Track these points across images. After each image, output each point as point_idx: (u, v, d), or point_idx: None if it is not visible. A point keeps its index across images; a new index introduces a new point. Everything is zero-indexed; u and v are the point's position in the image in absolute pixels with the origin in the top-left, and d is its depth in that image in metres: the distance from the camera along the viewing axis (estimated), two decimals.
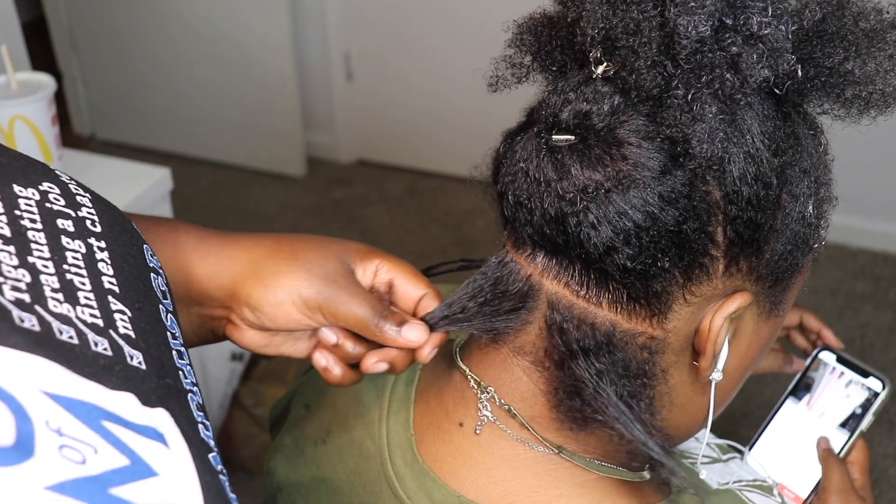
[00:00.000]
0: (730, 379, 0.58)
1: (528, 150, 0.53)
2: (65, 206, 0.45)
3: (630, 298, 0.52)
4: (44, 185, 0.45)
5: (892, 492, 1.79)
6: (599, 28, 0.50)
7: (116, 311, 0.43)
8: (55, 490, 0.34)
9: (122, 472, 0.37)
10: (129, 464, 0.37)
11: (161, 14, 2.80)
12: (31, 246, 0.42)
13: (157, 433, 0.40)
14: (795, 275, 0.57)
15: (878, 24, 0.51)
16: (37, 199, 0.44)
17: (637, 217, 0.49)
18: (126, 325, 0.43)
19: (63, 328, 0.39)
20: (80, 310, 0.41)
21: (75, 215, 0.45)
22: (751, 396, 1.90)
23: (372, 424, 0.64)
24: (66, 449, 0.35)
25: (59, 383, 0.37)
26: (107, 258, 0.45)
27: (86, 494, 0.35)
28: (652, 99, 0.49)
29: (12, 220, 0.42)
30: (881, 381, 0.81)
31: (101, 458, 0.36)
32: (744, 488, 0.67)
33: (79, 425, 0.37)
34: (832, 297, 2.32)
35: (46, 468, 0.34)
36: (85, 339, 0.40)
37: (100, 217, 0.47)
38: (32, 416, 0.35)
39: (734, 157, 0.50)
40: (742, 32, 0.48)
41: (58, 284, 0.41)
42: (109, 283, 0.44)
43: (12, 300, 0.38)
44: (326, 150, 2.99)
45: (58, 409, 0.36)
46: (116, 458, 0.37)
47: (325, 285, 0.57)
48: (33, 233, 0.42)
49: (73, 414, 0.37)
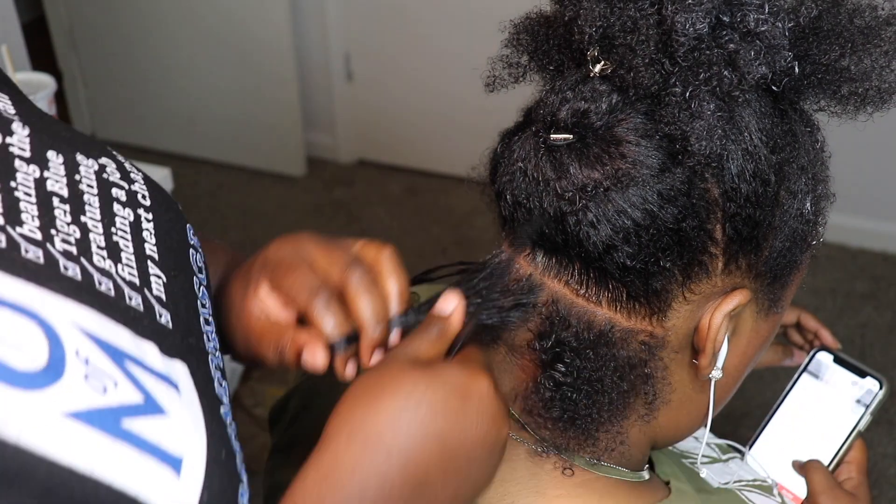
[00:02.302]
0: (729, 377, 0.58)
1: (526, 149, 0.53)
2: (119, 179, 0.49)
3: (629, 297, 0.53)
4: (102, 160, 0.49)
5: (892, 491, 1.79)
6: (597, 26, 0.50)
7: (153, 275, 0.47)
8: (73, 417, 0.37)
9: (136, 408, 0.40)
10: (142, 401, 0.40)
11: (161, 14, 2.80)
12: (85, 207, 0.46)
13: (171, 380, 0.43)
14: (794, 272, 0.57)
15: (873, 20, 0.51)
16: (95, 170, 0.48)
17: (636, 215, 0.49)
18: (160, 288, 0.47)
19: (103, 280, 0.44)
20: (120, 267, 0.46)
21: (128, 188, 0.49)
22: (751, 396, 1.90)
23: None
24: (90, 378, 0.39)
25: (92, 323, 0.41)
26: (151, 228, 0.49)
27: (100, 423, 0.38)
28: (650, 97, 0.50)
29: (71, 182, 0.46)
30: (878, 381, 0.81)
31: (119, 391, 0.40)
32: (744, 488, 0.66)
33: (105, 359, 0.40)
34: (832, 297, 2.32)
35: (70, 394, 0.37)
36: (121, 293, 0.44)
37: (150, 193, 0.51)
38: (65, 344, 0.39)
39: (732, 154, 0.50)
40: (739, 29, 0.48)
41: (104, 243, 0.46)
42: (150, 250, 0.48)
43: (61, 251, 0.43)
44: (326, 150, 2.99)
45: (88, 342, 0.40)
46: (132, 393, 0.40)
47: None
48: (88, 196, 0.47)
49: (101, 349, 0.40)
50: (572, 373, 0.53)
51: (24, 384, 0.36)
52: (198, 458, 0.42)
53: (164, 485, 0.39)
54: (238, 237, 2.63)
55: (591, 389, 0.53)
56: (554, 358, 0.54)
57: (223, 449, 0.44)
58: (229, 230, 2.67)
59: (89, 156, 0.48)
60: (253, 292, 0.54)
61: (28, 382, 0.36)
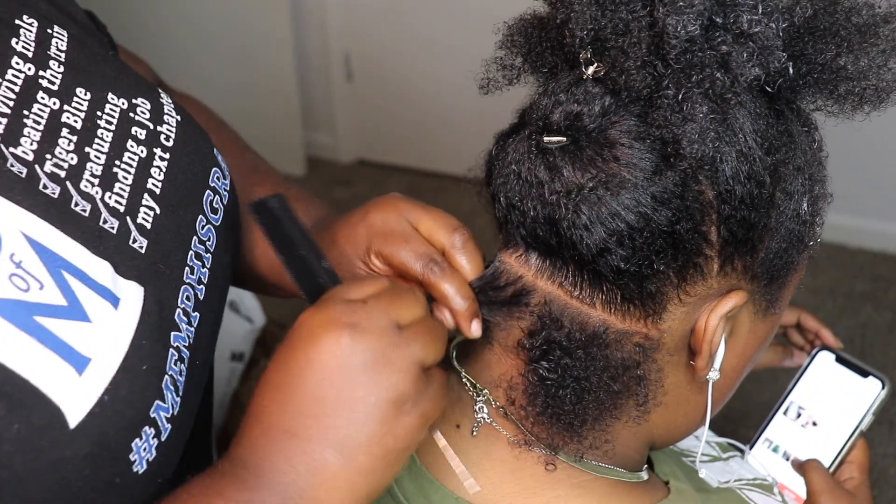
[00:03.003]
0: (727, 378, 0.58)
1: (519, 151, 0.53)
2: (147, 119, 0.53)
3: (624, 299, 0.52)
4: (137, 100, 0.53)
5: (891, 491, 1.79)
6: (588, 29, 0.50)
7: (144, 206, 0.50)
8: None
9: (56, 309, 0.43)
10: (65, 304, 0.43)
11: (161, 14, 2.80)
12: (94, 140, 0.49)
13: (113, 296, 0.46)
14: (791, 273, 0.57)
15: (870, 19, 0.51)
16: (123, 109, 0.51)
17: (630, 218, 0.49)
18: (146, 218, 0.50)
19: (80, 202, 0.47)
20: (108, 195, 0.49)
21: (152, 129, 0.53)
22: (751, 396, 1.90)
23: None
24: (15, 277, 0.42)
25: (43, 234, 0.44)
26: (163, 167, 0.52)
27: (12, 315, 0.41)
28: (642, 99, 0.49)
29: (90, 117, 0.50)
30: (880, 381, 0.81)
31: (42, 293, 0.43)
32: (744, 487, 0.66)
33: (39, 265, 0.43)
34: (831, 297, 2.31)
35: None
36: (97, 216, 0.47)
37: (177, 136, 0.54)
38: (3, 245, 0.42)
39: (726, 156, 0.50)
40: (732, 31, 0.48)
41: (100, 172, 0.49)
42: (153, 184, 0.51)
43: (48, 172, 0.46)
44: (326, 150, 2.99)
45: (28, 248, 0.43)
46: (57, 297, 0.43)
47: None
48: (103, 131, 0.50)
49: (39, 256, 0.44)
50: (557, 370, 0.53)
51: None
52: (108, 363, 0.44)
53: (62, 377, 0.42)
54: None
55: (577, 387, 0.53)
56: (541, 354, 0.54)
57: (148, 364, 0.47)
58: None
59: (121, 95, 0.52)
60: (365, 257, 0.59)
61: None
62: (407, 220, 0.59)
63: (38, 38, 0.49)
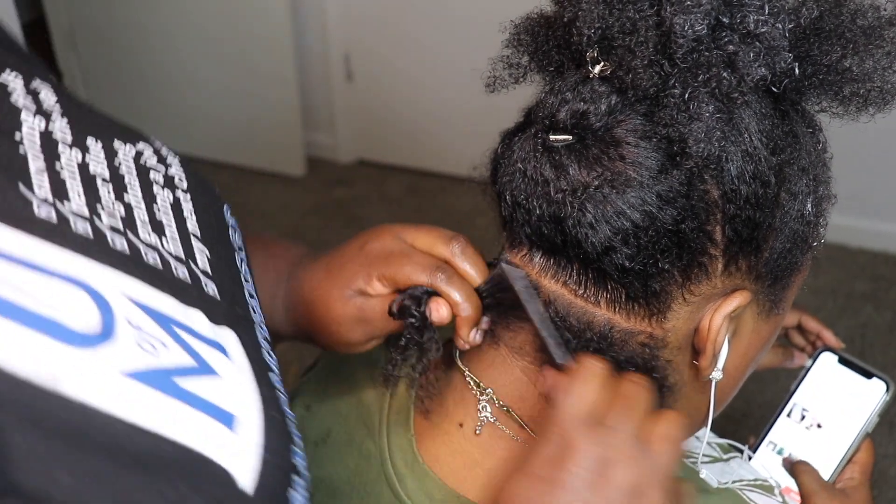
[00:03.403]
0: (730, 378, 0.58)
1: (525, 150, 0.53)
2: (156, 163, 0.52)
3: (629, 298, 0.52)
4: (139, 145, 0.52)
5: (891, 492, 1.79)
6: (596, 28, 0.50)
7: (197, 250, 0.50)
8: (129, 376, 0.38)
9: (188, 369, 0.41)
10: (194, 363, 0.42)
11: (161, 14, 2.80)
12: (127, 188, 0.48)
13: (220, 346, 0.45)
14: (795, 273, 0.57)
15: (875, 20, 0.51)
16: (133, 155, 0.50)
17: (635, 216, 0.49)
18: (204, 262, 0.49)
19: (149, 253, 0.46)
20: (165, 241, 0.48)
21: (165, 172, 0.52)
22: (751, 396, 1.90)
23: (372, 425, 0.64)
24: (142, 342, 0.40)
25: (140, 293, 0.43)
26: (191, 208, 0.51)
27: (155, 382, 0.39)
28: (649, 98, 0.49)
29: (111, 166, 0.48)
30: (884, 382, 0.81)
31: (170, 353, 0.41)
32: (745, 488, 0.66)
33: (154, 325, 0.42)
34: (832, 297, 2.32)
35: (124, 354, 0.38)
36: (168, 265, 0.46)
37: (186, 177, 0.53)
38: (115, 311, 0.40)
39: (732, 155, 0.50)
40: (739, 31, 0.48)
41: (147, 220, 0.48)
42: (192, 227, 0.51)
43: (108, 226, 0.44)
44: (326, 150, 2.99)
45: (137, 310, 0.42)
46: (183, 356, 0.42)
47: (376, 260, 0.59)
48: (129, 178, 0.49)
49: (150, 316, 0.42)
50: None
51: (79, 343, 0.37)
52: (252, 416, 0.43)
53: (222, 440, 0.40)
54: None
55: None
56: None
57: (274, 411, 0.45)
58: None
59: (126, 141, 0.51)
60: (365, 285, 0.58)
61: (83, 342, 0.37)
62: (402, 240, 0.59)
63: (28, 91, 0.48)
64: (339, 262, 0.60)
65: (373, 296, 0.58)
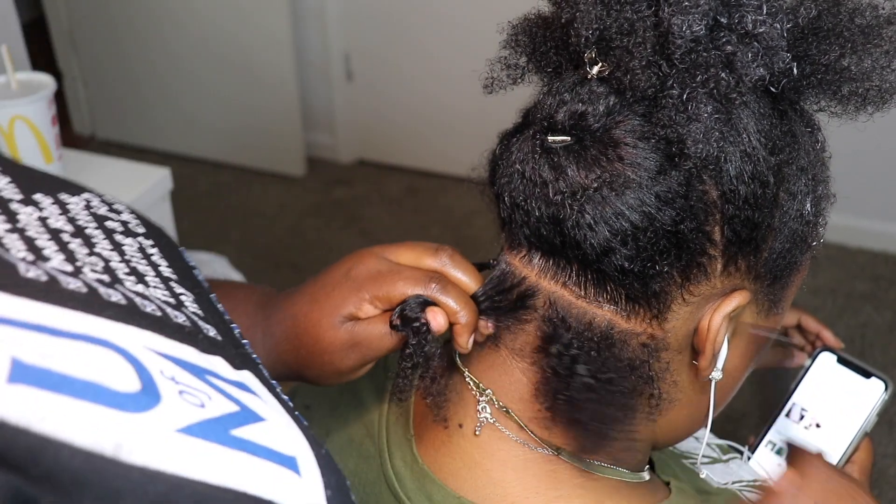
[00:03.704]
0: (730, 378, 0.58)
1: (524, 151, 0.53)
2: (108, 212, 0.49)
3: (628, 299, 0.52)
4: (85, 195, 0.49)
5: (892, 492, 1.79)
6: (594, 29, 0.50)
7: (181, 294, 0.47)
8: (186, 433, 0.36)
9: (236, 417, 0.39)
10: (239, 409, 0.40)
11: (161, 14, 2.80)
12: (93, 240, 0.45)
13: (249, 388, 0.42)
14: (794, 273, 0.57)
15: (873, 20, 0.51)
16: (83, 206, 0.48)
17: (634, 217, 0.49)
18: (193, 305, 0.47)
19: (145, 303, 0.42)
20: (152, 290, 0.45)
21: (119, 219, 0.49)
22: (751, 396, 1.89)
23: (372, 425, 0.64)
24: (185, 395, 0.37)
25: (158, 344, 0.39)
26: (157, 253, 0.49)
27: (213, 435, 0.37)
28: (647, 99, 0.49)
29: (69, 220, 0.45)
30: (883, 382, 0.81)
31: (215, 403, 0.38)
32: (744, 488, 0.66)
33: (188, 376, 0.39)
34: (832, 297, 2.32)
35: (175, 412, 0.36)
36: (166, 313, 0.43)
37: (140, 222, 0.50)
38: (148, 366, 0.37)
39: (731, 156, 0.50)
40: (737, 31, 0.48)
41: (127, 269, 0.45)
42: (167, 271, 0.48)
43: (95, 279, 0.41)
44: (326, 150, 2.99)
45: (166, 361, 0.38)
46: (227, 404, 0.39)
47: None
48: (90, 230, 0.46)
49: (181, 367, 0.39)
50: (572, 375, 0.53)
51: (133, 407, 0.35)
52: (307, 456, 0.42)
53: (292, 486, 0.39)
54: (238, 237, 2.63)
55: (590, 391, 0.53)
56: (553, 360, 0.54)
57: (321, 447, 0.44)
58: (229, 230, 2.67)
59: (73, 194, 0.48)
60: (356, 309, 0.57)
61: (136, 405, 0.35)
62: (387, 259, 0.58)
63: None
64: (325, 291, 0.59)
65: (363, 319, 0.57)
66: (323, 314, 0.58)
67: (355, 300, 0.57)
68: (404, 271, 0.57)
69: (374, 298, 0.57)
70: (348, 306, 0.57)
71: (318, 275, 0.60)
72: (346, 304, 0.57)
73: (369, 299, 0.57)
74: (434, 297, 0.56)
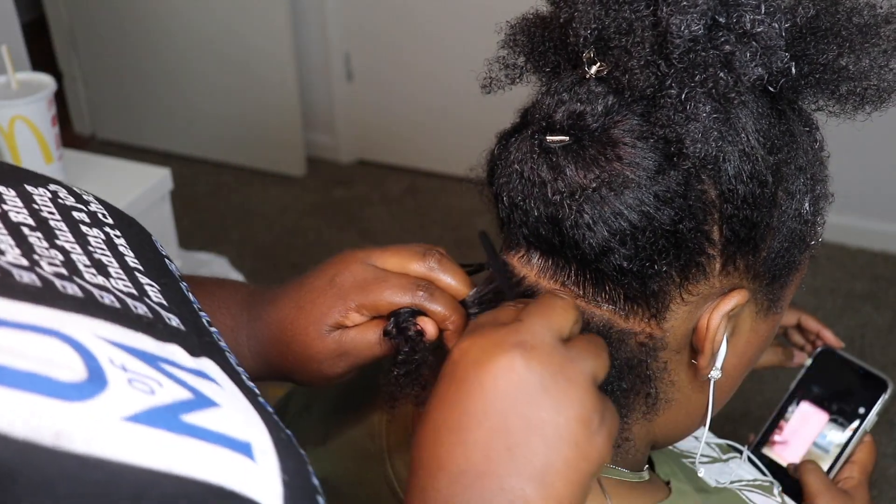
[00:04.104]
0: (729, 377, 0.58)
1: (522, 151, 0.53)
2: (75, 203, 0.49)
3: (627, 298, 0.52)
4: (52, 186, 0.49)
5: (892, 491, 1.79)
6: (592, 28, 0.50)
7: (146, 284, 0.47)
8: (132, 420, 0.36)
9: (189, 403, 0.38)
10: (192, 396, 0.39)
11: (161, 14, 2.80)
12: (56, 232, 0.45)
13: (207, 375, 0.42)
14: (793, 272, 0.57)
15: (871, 19, 0.51)
16: (49, 197, 0.47)
17: (632, 217, 0.49)
18: (158, 296, 0.46)
19: (104, 294, 0.42)
20: (113, 281, 0.44)
21: (87, 209, 0.49)
22: (751, 396, 1.90)
23: (372, 425, 0.64)
24: (134, 382, 0.37)
25: (112, 333, 0.39)
26: (125, 244, 0.49)
27: (161, 422, 0.36)
28: (646, 99, 0.49)
29: (32, 212, 0.45)
30: (884, 381, 0.81)
31: (166, 390, 0.38)
32: (744, 488, 0.66)
33: (140, 364, 0.39)
34: (831, 297, 2.32)
35: (121, 399, 0.36)
36: (125, 304, 0.43)
37: (109, 212, 0.50)
38: (97, 354, 0.37)
39: (729, 155, 0.50)
40: (735, 31, 0.48)
41: (89, 262, 0.44)
42: (133, 262, 0.48)
43: (52, 273, 0.41)
44: (326, 150, 2.99)
45: (117, 350, 0.38)
46: (179, 391, 0.39)
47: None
48: (54, 222, 0.45)
49: (132, 355, 0.39)
50: None
51: (74, 396, 0.35)
52: (264, 441, 0.41)
53: (245, 471, 0.38)
54: (238, 237, 2.63)
55: None
56: None
57: (280, 432, 0.43)
58: (229, 230, 2.67)
59: (38, 185, 0.48)
60: (342, 318, 0.57)
61: (77, 394, 0.35)
62: (373, 265, 0.58)
63: None
64: (310, 298, 0.58)
65: (351, 327, 0.57)
66: (309, 322, 0.57)
67: (341, 308, 0.57)
68: (390, 279, 0.57)
69: (360, 307, 0.56)
70: (334, 315, 0.57)
71: (303, 278, 0.60)
72: (332, 312, 0.57)
73: (355, 308, 0.57)
74: (421, 305, 0.56)
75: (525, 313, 0.46)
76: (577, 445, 0.43)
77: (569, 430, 0.43)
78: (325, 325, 0.57)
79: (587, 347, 0.46)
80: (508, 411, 0.43)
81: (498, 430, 0.43)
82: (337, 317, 0.57)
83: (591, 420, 0.43)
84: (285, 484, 0.39)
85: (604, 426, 0.44)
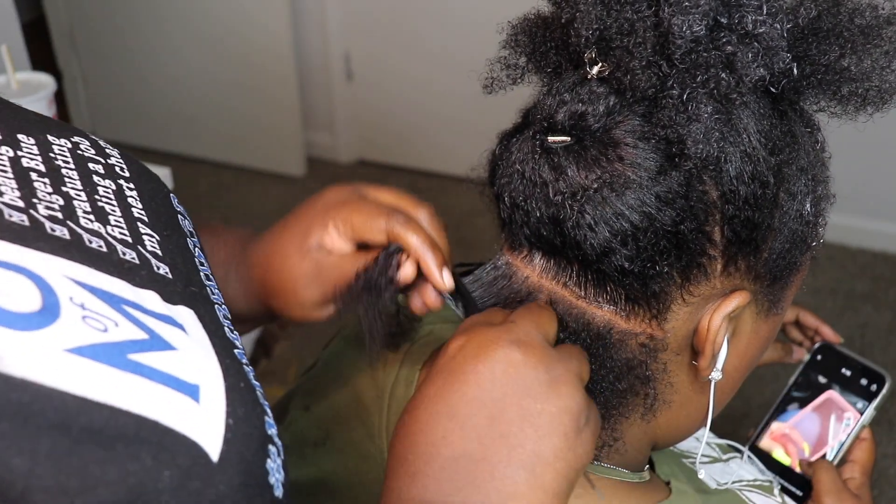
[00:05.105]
0: (729, 378, 0.58)
1: (523, 151, 0.53)
2: (95, 155, 0.51)
3: (628, 299, 0.52)
4: (75, 138, 0.51)
5: (892, 491, 1.79)
6: (594, 29, 0.50)
7: (145, 234, 0.48)
8: (74, 352, 0.37)
9: (141, 343, 0.40)
10: (147, 338, 0.41)
11: (161, 14, 2.80)
12: (65, 179, 0.47)
13: (176, 322, 0.44)
14: (794, 273, 0.57)
15: (873, 20, 0.51)
16: (69, 147, 0.50)
17: (634, 218, 0.49)
18: (154, 245, 0.48)
19: (93, 239, 0.44)
20: (110, 228, 0.46)
21: (105, 162, 0.51)
22: (751, 396, 1.90)
23: (372, 425, 0.64)
24: (88, 319, 0.39)
25: (85, 276, 0.41)
26: (135, 196, 0.51)
27: (105, 357, 0.38)
28: (647, 99, 0.49)
29: (47, 159, 0.47)
30: (882, 376, 0.82)
31: (121, 330, 0.40)
32: (744, 488, 0.66)
33: (101, 304, 0.40)
34: (832, 297, 2.32)
35: (68, 333, 0.37)
36: (113, 249, 0.45)
37: (127, 166, 0.52)
38: (58, 292, 0.39)
39: (731, 156, 0.50)
40: (737, 31, 0.48)
41: (89, 208, 0.46)
42: (138, 213, 0.50)
43: (45, 216, 0.43)
44: (326, 150, 2.99)
45: (82, 290, 0.40)
46: (135, 332, 0.41)
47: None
48: (66, 170, 0.48)
49: (96, 296, 0.41)
50: None
51: (20, 325, 0.36)
52: (215, 386, 0.42)
53: (185, 410, 0.40)
54: None
55: (596, 392, 0.53)
56: None
57: (241, 381, 0.44)
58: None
59: (61, 136, 0.50)
60: (323, 233, 0.58)
61: (25, 324, 0.37)
62: (364, 195, 0.60)
63: None
64: (296, 217, 0.61)
65: (331, 251, 0.58)
66: (293, 240, 0.59)
67: (321, 224, 0.58)
68: (372, 203, 0.58)
69: (336, 222, 0.58)
70: (315, 231, 0.58)
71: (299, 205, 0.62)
72: (314, 228, 0.59)
73: (333, 224, 0.58)
74: (395, 230, 0.56)
75: (516, 315, 0.50)
76: (566, 436, 0.46)
77: (560, 421, 0.46)
78: (307, 242, 0.58)
79: (571, 351, 0.50)
80: (505, 399, 0.45)
81: (494, 417, 0.45)
82: (318, 232, 0.58)
83: (580, 415, 0.47)
84: (228, 427, 0.41)
85: (589, 425, 0.47)
